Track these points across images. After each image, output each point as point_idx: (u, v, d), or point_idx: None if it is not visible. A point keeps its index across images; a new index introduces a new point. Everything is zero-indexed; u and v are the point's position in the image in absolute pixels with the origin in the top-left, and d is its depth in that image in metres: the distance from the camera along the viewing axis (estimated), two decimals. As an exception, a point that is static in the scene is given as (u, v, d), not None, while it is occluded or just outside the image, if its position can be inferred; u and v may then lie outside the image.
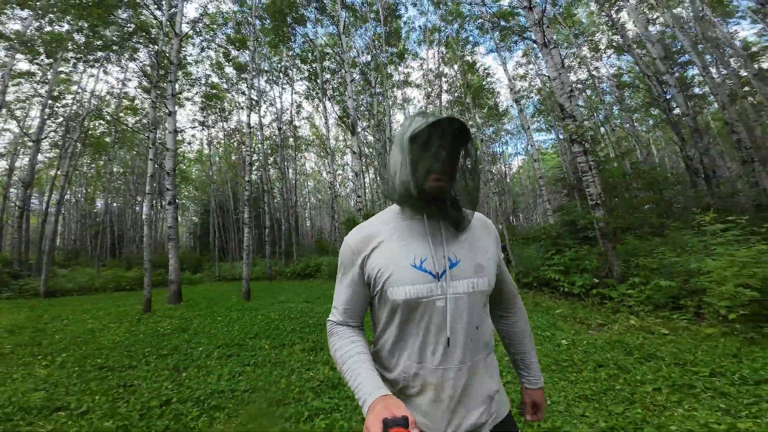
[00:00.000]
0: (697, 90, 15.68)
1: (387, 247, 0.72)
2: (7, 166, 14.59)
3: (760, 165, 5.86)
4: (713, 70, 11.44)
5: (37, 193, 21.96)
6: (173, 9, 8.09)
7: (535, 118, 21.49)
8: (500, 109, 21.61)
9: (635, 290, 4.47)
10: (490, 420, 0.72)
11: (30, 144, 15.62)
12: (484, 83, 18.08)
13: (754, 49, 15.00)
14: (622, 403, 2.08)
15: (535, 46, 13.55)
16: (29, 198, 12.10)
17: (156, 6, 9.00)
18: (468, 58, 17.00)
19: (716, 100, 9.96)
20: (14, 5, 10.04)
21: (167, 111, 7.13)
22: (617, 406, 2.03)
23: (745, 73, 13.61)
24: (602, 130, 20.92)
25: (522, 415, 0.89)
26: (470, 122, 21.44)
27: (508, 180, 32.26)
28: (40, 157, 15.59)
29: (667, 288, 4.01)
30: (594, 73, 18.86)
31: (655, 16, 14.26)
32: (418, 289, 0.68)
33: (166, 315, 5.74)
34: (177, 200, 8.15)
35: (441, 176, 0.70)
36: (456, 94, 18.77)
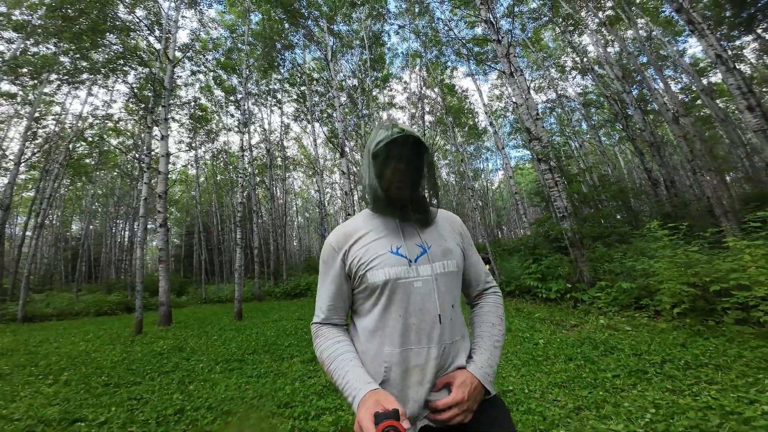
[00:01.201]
0: (655, 105, 17.06)
1: (365, 239, 0.78)
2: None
3: (702, 175, 6.64)
4: (661, 84, 12.73)
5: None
6: (167, 35, 8.45)
7: (512, 136, 22.77)
8: (480, 128, 22.77)
9: (603, 293, 4.94)
10: None
11: (4, 165, 15.28)
12: (463, 105, 19.18)
13: (702, 64, 16.78)
14: (587, 387, 2.42)
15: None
16: (5, 222, 11.72)
17: (149, 31, 9.32)
18: (447, 81, 18.11)
19: (664, 118, 11.09)
20: (7, 28, 10.14)
21: (160, 135, 7.34)
22: (583, 390, 2.37)
23: (695, 88, 15.11)
24: (573, 144, 22.46)
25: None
26: (451, 141, 22.49)
27: (490, 195, 33.42)
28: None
29: (628, 290, 4.49)
30: (561, 92, 20.34)
31: (612, 38, 15.74)
32: (396, 270, 0.74)
33: (158, 336, 5.75)
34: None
35: (402, 184, 0.78)
36: (438, 115, 19.79)
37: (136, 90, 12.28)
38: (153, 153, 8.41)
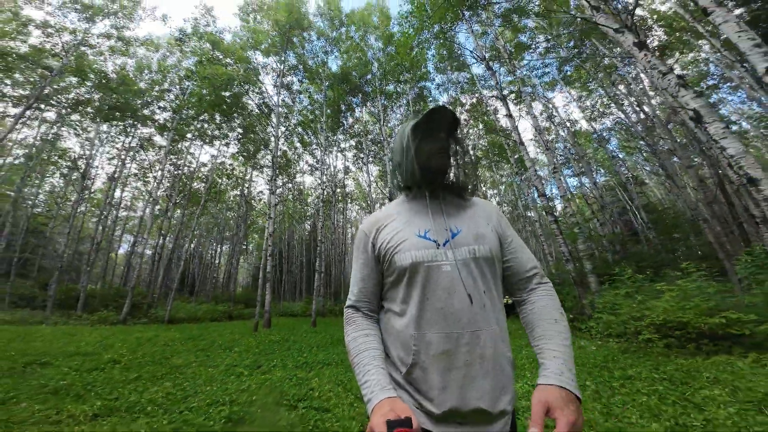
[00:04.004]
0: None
1: (394, 224, 0.84)
2: (140, 218, 20.01)
3: (704, 222, 7.33)
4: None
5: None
6: (273, 112, 12.12)
7: (564, 166, 23.03)
8: (527, 159, 23.48)
9: (596, 323, 6.23)
10: (510, 397, 0.71)
11: (149, 200, 21.29)
12: (507, 142, 20.54)
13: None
14: (523, 378, 4.15)
15: (553, 101, 16.48)
16: (161, 245, 16.69)
17: (259, 110, 13.35)
18: (488, 118, 19.85)
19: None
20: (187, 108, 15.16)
21: (271, 190, 10.71)
22: (525, 378, 4.12)
23: None
24: (647, 169, 21.88)
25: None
26: (499, 172, 23.73)
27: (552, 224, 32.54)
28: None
29: (609, 321, 5.77)
30: (618, 119, 20.21)
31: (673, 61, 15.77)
32: (422, 253, 0.76)
33: (267, 334, 8.52)
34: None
35: (441, 154, 0.83)
36: (482, 150, 21.48)
37: (241, 145, 16.92)
38: (267, 205, 11.80)
